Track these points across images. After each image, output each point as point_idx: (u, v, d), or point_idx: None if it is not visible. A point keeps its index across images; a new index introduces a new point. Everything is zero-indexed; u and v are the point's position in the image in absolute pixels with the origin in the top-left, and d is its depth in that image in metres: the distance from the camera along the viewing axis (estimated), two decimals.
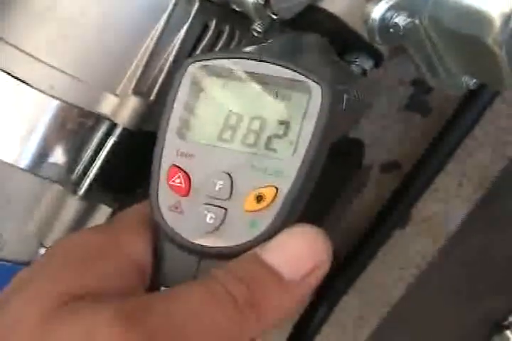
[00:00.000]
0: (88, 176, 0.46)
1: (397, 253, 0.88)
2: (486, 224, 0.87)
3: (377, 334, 0.90)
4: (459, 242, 0.86)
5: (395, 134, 0.85)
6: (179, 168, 0.36)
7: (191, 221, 0.35)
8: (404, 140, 0.85)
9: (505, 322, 0.90)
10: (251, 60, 0.36)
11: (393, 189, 0.84)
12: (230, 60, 0.36)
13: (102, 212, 0.47)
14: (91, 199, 0.46)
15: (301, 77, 0.35)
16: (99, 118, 0.45)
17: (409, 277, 0.88)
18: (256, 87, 0.36)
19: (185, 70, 0.37)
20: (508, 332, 0.90)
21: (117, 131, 0.45)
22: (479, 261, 0.89)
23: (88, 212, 0.47)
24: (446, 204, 0.86)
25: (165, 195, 0.36)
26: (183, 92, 0.37)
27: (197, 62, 0.37)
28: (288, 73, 0.35)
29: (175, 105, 0.37)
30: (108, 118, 0.45)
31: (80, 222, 0.47)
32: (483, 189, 0.85)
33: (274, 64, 0.35)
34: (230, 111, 0.36)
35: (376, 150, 0.85)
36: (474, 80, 0.46)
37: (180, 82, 0.37)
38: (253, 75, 0.36)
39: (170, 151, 0.36)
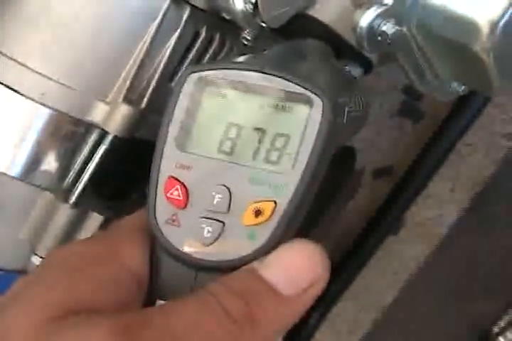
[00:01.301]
0: (79, 184, 0.46)
1: (391, 259, 0.88)
2: (477, 225, 0.87)
3: (370, 338, 0.90)
4: (450, 244, 0.86)
5: (388, 139, 0.85)
6: (177, 179, 0.36)
7: (188, 234, 0.35)
8: (397, 145, 0.85)
9: (496, 328, 0.90)
10: (252, 71, 0.35)
11: (386, 194, 0.84)
12: (231, 70, 0.36)
13: (94, 220, 0.47)
14: (82, 206, 0.46)
15: (302, 90, 0.34)
16: (89, 126, 0.45)
17: (403, 282, 0.88)
18: (256, 99, 0.35)
19: (185, 80, 0.36)
20: (501, 339, 0.91)
21: (108, 139, 0.45)
22: (471, 263, 0.89)
23: (80, 219, 0.47)
24: (439, 209, 0.86)
25: (162, 207, 0.36)
26: (182, 103, 0.36)
27: (196, 73, 0.36)
28: (289, 85, 0.35)
29: (174, 115, 0.36)
30: (99, 126, 0.45)
31: (71, 229, 0.47)
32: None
33: (275, 76, 0.35)
34: (230, 123, 0.36)
35: (369, 155, 0.85)
36: (463, 86, 0.46)
37: (179, 93, 0.36)
38: (254, 87, 0.35)
39: (168, 163, 0.36)
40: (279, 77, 0.35)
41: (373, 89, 0.81)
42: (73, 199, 0.46)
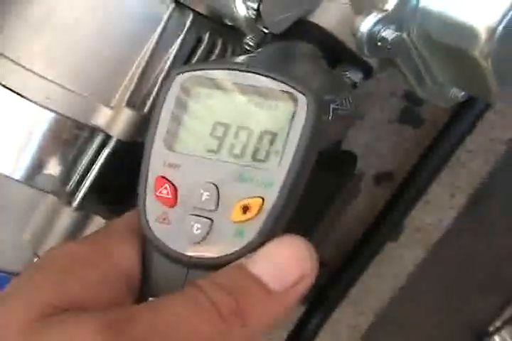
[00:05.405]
0: (83, 187, 0.46)
1: (391, 263, 0.88)
2: (472, 226, 0.87)
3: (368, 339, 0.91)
4: (446, 245, 0.86)
5: (388, 145, 0.86)
6: (166, 179, 0.36)
7: (178, 232, 0.35)
8: (397, 151, 0.86)
9: (492, 327, 0.91)
10: (238, 70, 0.36)
11: (386, 199, 0.84)
12: (218, 70, 0.36)
13: (97, 223, 0.47)
14: (85, 210, 0.47)
15: (287, 88, 0.35)
16: (93, 130, 0.46)
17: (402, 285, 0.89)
18: (243, 98, 0.36)
19: (173, 81, 0.37)
20: (496, 338, 0.91)
21: (111, 143, 0.46)
22: (467, 263, 0.89)
23: (82, 222, 0.47)
24: (439, 214, 0.86)
25: (152, 206, 0.36)
26: (170, 103, 0.37)
27: (185, 73, 0.37)
28: (274, 83, 0.35)
29: (162, 115, 0.37)
30: (102, 130, 0.46)
31: (74, 232, 0.47)
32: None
33: (260, 74, 0.35)
34: (217, 122, 0.36)
35: (369, 161, 0.85)
36: (463, 93, 0.46)
37: (167, 93, 0.37)
38: (240, 86, 0.36)
39: (157, 162, 0.36)
40: (265, 76, 0.35)
41: (373, 95, 0.81)
42: (76, 202, 0.46)
